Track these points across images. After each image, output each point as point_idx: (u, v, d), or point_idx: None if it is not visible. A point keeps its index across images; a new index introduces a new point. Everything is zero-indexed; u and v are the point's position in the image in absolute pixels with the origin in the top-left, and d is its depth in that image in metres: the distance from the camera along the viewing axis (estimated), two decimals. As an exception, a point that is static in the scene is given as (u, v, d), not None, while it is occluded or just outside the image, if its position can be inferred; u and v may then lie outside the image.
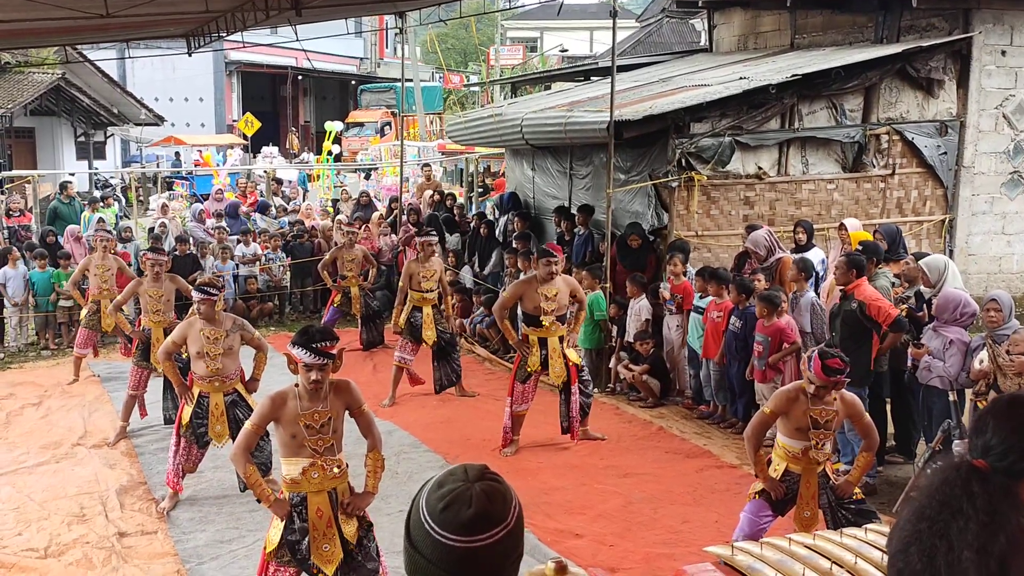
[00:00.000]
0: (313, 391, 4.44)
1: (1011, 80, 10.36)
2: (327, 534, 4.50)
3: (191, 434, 6.51)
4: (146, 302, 8.22)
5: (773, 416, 5.05)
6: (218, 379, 6.48)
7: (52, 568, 5.74)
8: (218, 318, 6.48)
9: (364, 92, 35.85)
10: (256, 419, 4.59)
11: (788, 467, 5.06)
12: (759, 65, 11.17)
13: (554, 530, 6.10)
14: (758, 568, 2.83)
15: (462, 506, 1.57)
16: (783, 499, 5.07)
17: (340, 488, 4.59)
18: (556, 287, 7.51)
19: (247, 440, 4.61)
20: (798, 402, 5.00)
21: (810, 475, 5.04)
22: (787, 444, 5.06)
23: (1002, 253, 10.73)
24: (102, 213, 14.09)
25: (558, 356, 7.51)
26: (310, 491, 4.51)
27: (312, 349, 4.36)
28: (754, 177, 9.68)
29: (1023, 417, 2.32)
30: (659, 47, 23.11)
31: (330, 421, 4.50)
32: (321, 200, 19.91)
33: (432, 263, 9.14)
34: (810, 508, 5.04)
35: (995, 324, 6.07)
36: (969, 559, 2.19)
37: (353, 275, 10.91)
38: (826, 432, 5.01)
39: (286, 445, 4.52)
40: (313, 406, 4.46)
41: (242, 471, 4.64)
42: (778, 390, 5.21)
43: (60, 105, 23.74)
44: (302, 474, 4.49)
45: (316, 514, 4.50)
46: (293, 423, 4.45)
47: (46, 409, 9.06)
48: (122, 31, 12.40)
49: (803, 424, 4.97)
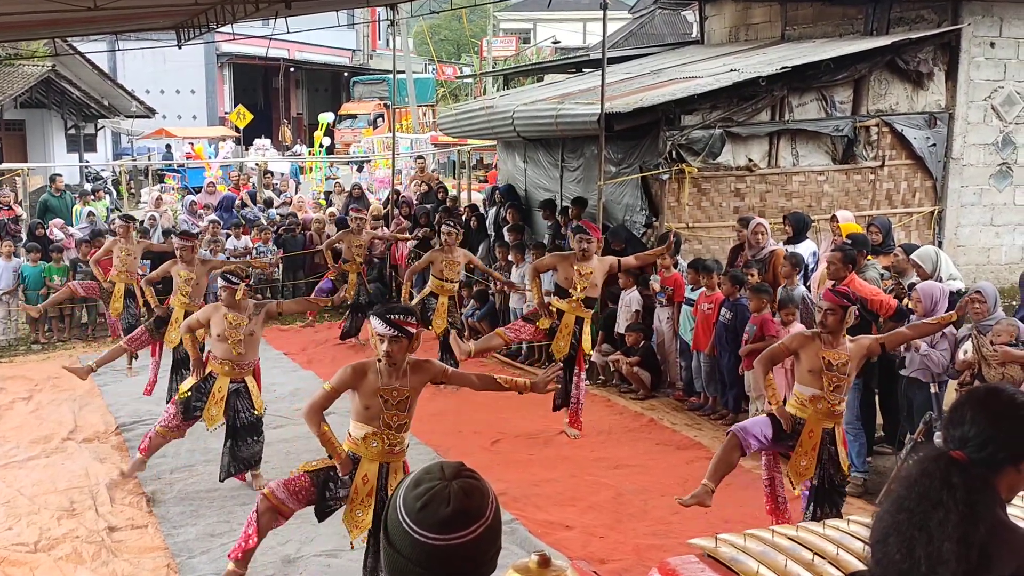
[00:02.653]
0: (390, 366, 4.54)
1: (1000, 72, 10.39)
2: (365, 502, 4.67)
3: (181, 403, 6.56)
4: (177, 283, 8.35)
5: (786, 351, 5.16)
6: (231, 364, 6.55)
7: (42, 562, 5.73)
8: (241, 305, 6.54)
9: (356, 84, 35.79)
10: (335, 383, 4.67)
11: (796, 414, 5.17)
12: (750, 57, 11.17)
13: (544, 522, 6.12)
14: (741, 560, 2.85)
15: (440, 504, 1.58)
16: (788, 434, 5.17)
17: (394, 464, 4.75)
18: (592, 267, 7.53)
19: (321, 400, 4.71)
20: (813, 343, 5.11)
21: (815, 424, 5.15)
22: (799, 391, 5.19)
23: (991, 244, 10.77)
24: (93, 206, 14.05)
25: (567, 333, 7.53)
26: (365, 456, 4.67)
27: (387, 320, 4.47)
28: (744, 169, 9.70)
29: (1000, 408, 2.35)
30: (651, 39, 23.08)
31: (407, 399, 4.64)
32: (313, 192, 19.90)
33: (456, 253, 9.20)
34: (807, 457, 5.13)
35: (980, 316, 6.10)
36: (950, 550, 2.21)
37: (356, 260, 10.93)
38: (840, 376, 5.09)
39: (359, 413, 4.67)
40: (392, 383, 4.59)
41: (315, 431, 4.76)
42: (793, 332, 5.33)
43: (50, 97, 23.63)
44: (363, 439, 4.65)
45: (362, 479, 4.69)
46: (371, 395, 4.58)
47: (36, 403, 9.04)
48: (111, 23, 12.35)
49: (816, 366, 5.08)
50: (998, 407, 2.35)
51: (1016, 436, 2.30)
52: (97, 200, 14.95)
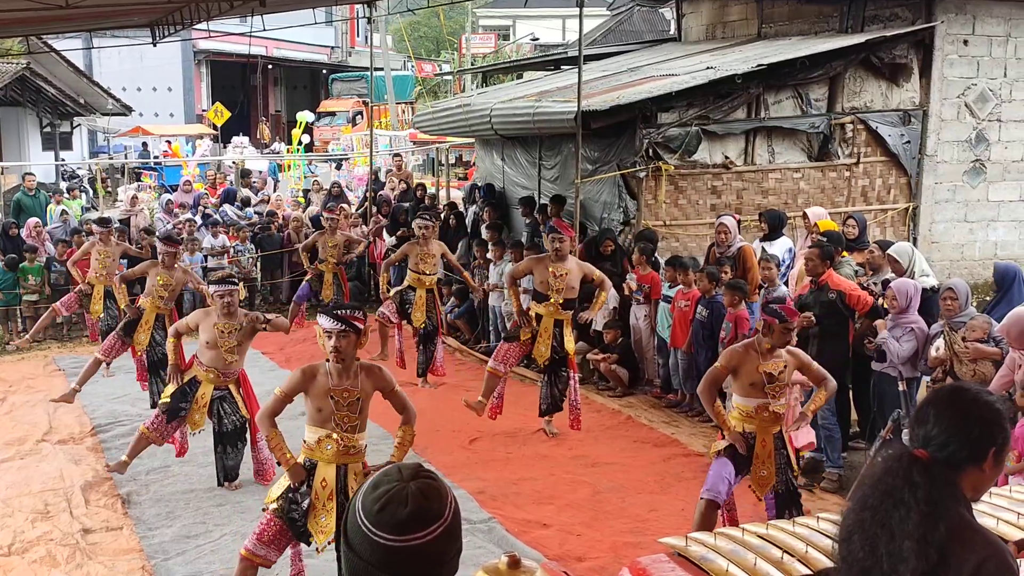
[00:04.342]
0: (339, 364, 4.56)
1: (973, 69, 10.48)
2: (327, 506, 4.65)
3: (167, 406, 6.52)
4: (153, 285, 8.26)
5: (724, 370, 5.15)
6: (217, 372, 6.51)
7: (15, 565, 5.69)
8: (233, 314, 6.49)
9: (335, 81, 35.64)
10: (286, 387, 4.73)
11: (744, 427, 5.18)
12: (726, 55, 11.22)
13: (522, 520, 6.13)
14: (711, 558, 2.88)
15: (398, 506, 1.58)
16: (746, 456, 5.18)
17: (352, 467, 4.73)
18: (567, 267, 7.52)
19: (274, 405, 4.77)
20: (749, 357, 5.10)
21: (765, 434, 5.19)
22: (741, 404, 5.19)
23: (964, 240, 10.87)
24: (67, 205, 13.93)
25: (548, 337, 7.52)
26: (321, 460, 4.67)
27: (334, 316, 4.53)
28: (721, 167, 9.74)
29: (964, 407, 2.38)
30: (630, 36, 23.11)
31: (358, 401, 4.66)
32: (292, 191, 19.81)
33: (432, 246, 9.18)
34: (766, 467, 5.19)
35: (951, 312, 6.17)
36: (910, 548, 2.24)
37: (332, 260, 10.88)
38: (780, 385, 5.11)
39: (312, 416, 4.69)
40: (342, 383, 4.61)
41: (266, 433, 4.81)
42: (728, 347, 5.31)
43: (25, 95, 23.37)
44: (318, 443, 4.66)
45: (320, 483, 4.67)
46: (322, 397, 4.61)
47: (10, 405, 8.96)
48: (85, 21, 12.24)
49: (756, 379, 5.09)
50: (961, 406, 2.37)
51: (978, 435, 2.32)
52: (71, 199, 14.82)
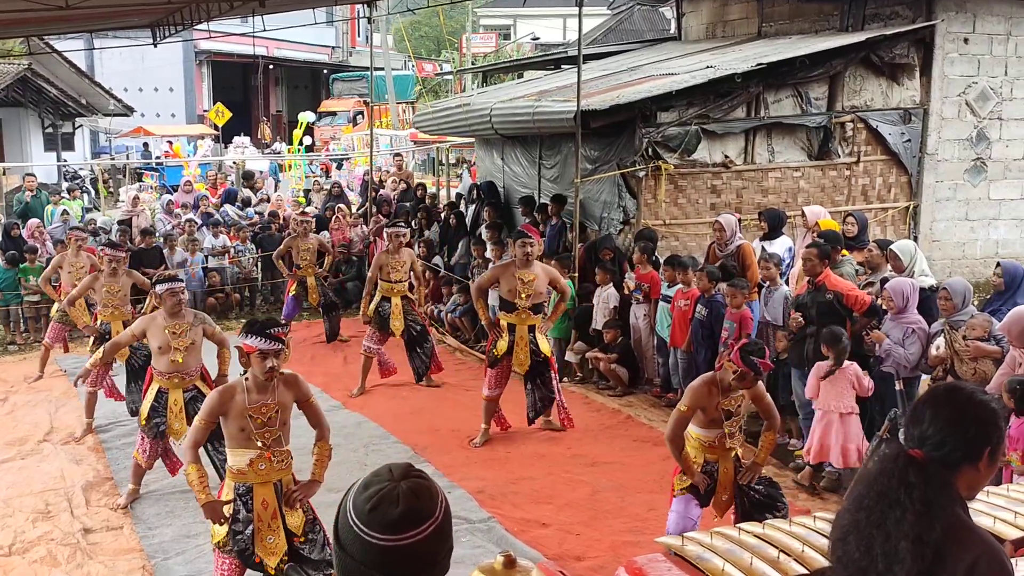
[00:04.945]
0: (262, 383, 4.47)
1: (974, 67, 10.47)
2: (271, 526, 4.53)
3: (148, 429, 6.47)
4: (103, 296, 8.22)
5: (691, 411, 5.08)
6: (179, 375, 6.44)
7: (16, 565, 5.70)
8: (182, 312, 6.45)
9: (336, 81, 35.68)
10: (204, 414, 4.57)
11: (706, 457, 5.14)
12: (726, 53, 11.22)
13: (521, 520, 6.13)
14: (707, 558, 2.88)
15: (389, 505, 1.59)
16: (708, 489, 5.16)
17: (285, 479, 4.63)
18: (534, 272, 7.47)
19: (196, 436, 4.60)
20: (711, 395, 5.05)
21: (726, 461, 5.16)
22: (702, 435, 5.12)
23: (965, 239, 10.87)
24: (67, 205, 13.95)
25: (524, 344, 7.51)
26: (256, 482, 4.53)
27: (267, 335, 4.41)
28: (721, 166, 9.74)
29: (959, 407, 2.37)
30: (631, 35, 23.09)
31: (278, 414, 4.53)
32: (293, 191, 19.82)
33: (402, 254, 9.13)
34: (727, 492, 5.17)
35: (948, 311, 6.17)
36: (905, 548, 2.24)
37: (308, 265, 10.81)
38: (736, 419, 5.11)
39: (234, 437, 4.52)
40: (261, 399, 4.49)
41: (185, 468, 4.59)
42: (689, 386, 5.25)
43: (27, 96, 23.44)
44: (249, 465, 4.51)
45: (261, 505, 4.52)
46: (241, 416, 4.47)
47: (12, 405, 8.98)
48: (85, 22, 12.26)
49: (717, 416, 5.06)
50: (956, 406, 2.37)
51: (974, 435, 2.31)
52: (71, 199, 14.83)
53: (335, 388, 9.27)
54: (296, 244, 10.77)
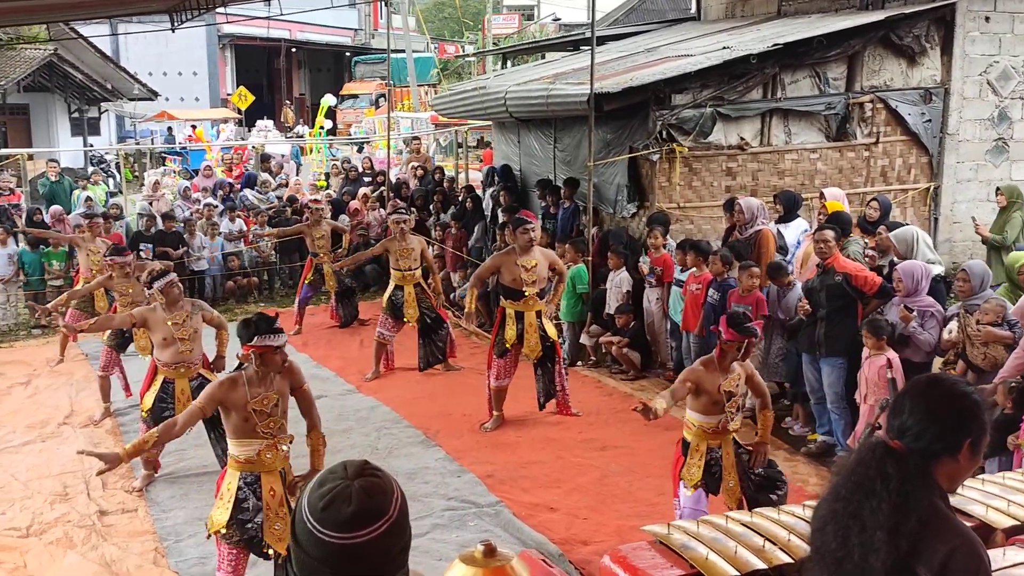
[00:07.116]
0: (263, 375, 4.56)
1: (995, 46, 10.28)
2: (279, 513, 4.60)
3: (152, 419, 6.55)
4: (119, 296, 8.29)
5: (686, 385, 5.04)
6: (184, 365, 6.55)
7: (32, 547, 5.83)
8: (180, 303, 6.53)
9: (358, 64, 35.67)
10: (204, 401, 4.59)
11: (708, 444, 5.13)
12: (744, 34, 11.09)
13: (529, 504, 6.17)
14: (692, 546, 2.88)
15: (342, 504, 1.61)
16: (717, 478, 5.16)
17: (286, 467, 4.73)
18: (535, 258, 7.46)
19: (190, 418, 4.59)
20: (711, 374, 5.04)
21: (728, 445, 5.15)
22: (704, 422, 5.11)
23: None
24: (91, 191, 14.10)
25: (534, 331, 7.51)
26: (264, 471, 4.61)
27: (276, 330, 4.54)
28: (736, 148, 9.65)
29: (939, 399, 2.36)
30: (652, 15, 22.87)
31: (278, 403, 4.62)
32: (314, 174, 19.90)
33: (410, 241, 9.14)
34: (732, 477, 5.15)
35: (965, 294, 6.09)
36: (881, 539, 2.24)
37: (324, 252, 10.84)
38: (736, 399, 5.10)
39: (238, 428, 4.57)
40: (262, 391, 4.56)
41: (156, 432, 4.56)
42: (689, 367, 5.24)
43: (53, 81, 23.66)
44: (257, 455, 4.58)
45: (269, 494, 4.60)
46: (244, 408, 4.53)
47: (34, 388, 9.15)
48: (104, 7, 12.34)
49: (719, 398, 5.04)
50: (936, 397, 2.36)
51: (953, 427, 2.31)
52: (94, 185, 14.98)
53: (350, 372, 9.34)
54: (311, 232, 10.82)
